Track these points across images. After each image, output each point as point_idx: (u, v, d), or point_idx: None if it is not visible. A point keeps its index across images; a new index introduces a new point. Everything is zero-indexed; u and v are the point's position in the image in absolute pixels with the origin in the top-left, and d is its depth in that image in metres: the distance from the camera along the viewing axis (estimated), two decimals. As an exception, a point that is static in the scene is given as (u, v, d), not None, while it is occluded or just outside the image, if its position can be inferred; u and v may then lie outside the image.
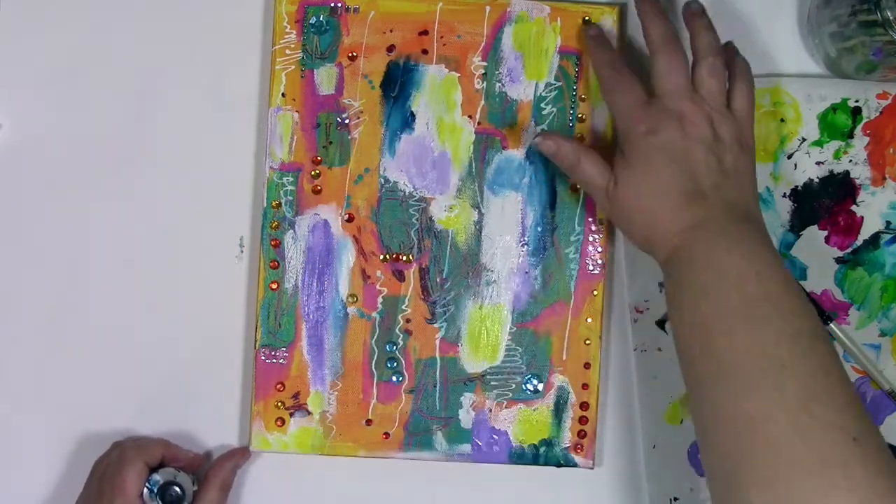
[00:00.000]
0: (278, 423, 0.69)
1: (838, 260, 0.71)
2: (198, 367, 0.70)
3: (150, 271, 0.70)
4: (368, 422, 0.69)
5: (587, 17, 0.70)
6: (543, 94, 0.70)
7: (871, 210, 0.71)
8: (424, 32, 0.70)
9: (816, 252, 0.71)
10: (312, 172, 0.69)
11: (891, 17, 0.63)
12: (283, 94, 0.69)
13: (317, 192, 0.69)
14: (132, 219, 0.70)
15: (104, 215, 0.70)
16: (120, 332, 0.70)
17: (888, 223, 0.71)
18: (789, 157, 0.71)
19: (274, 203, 0.69)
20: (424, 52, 0.70)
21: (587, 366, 0.70)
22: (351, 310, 0.69)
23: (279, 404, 0.69)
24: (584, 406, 0.70)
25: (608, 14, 0.70)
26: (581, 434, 0.70)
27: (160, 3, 0.70)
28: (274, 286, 0.69)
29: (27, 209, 0.70)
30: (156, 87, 0.70)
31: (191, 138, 0.70)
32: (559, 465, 0.70)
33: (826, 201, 0.71)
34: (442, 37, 0.70)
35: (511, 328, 0.70)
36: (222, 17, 0.71)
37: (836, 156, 0.71)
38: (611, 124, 0.70)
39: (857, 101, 0.71)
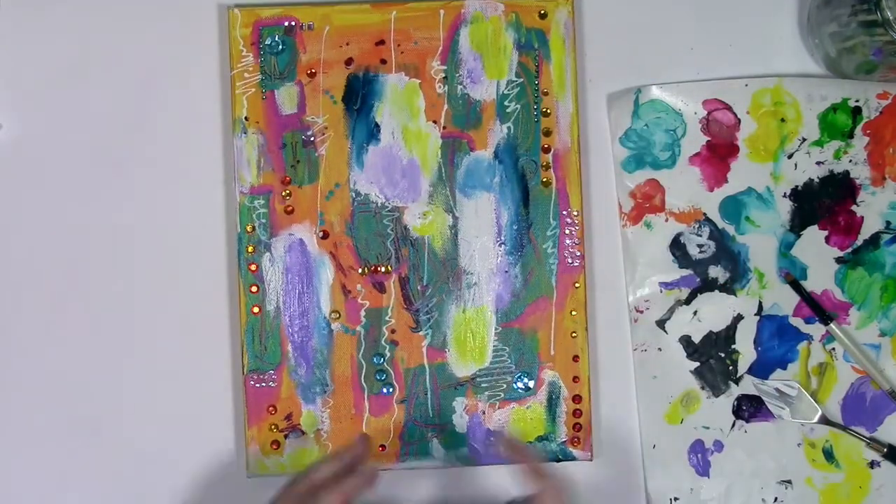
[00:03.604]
0: (273, 446, 0.69)
1: (838, 260, 0.71)
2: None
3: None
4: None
5: (542, 12, 0.70)
6: (506, 91, 0.70)
7: (871, 210, 0.71)
8: (381, 42, 0.69)
9: (817, 252, 0.71)
10: (283, 193, 0.69)
11: (891, 17, 0.63)
12: (245, 118, 0.69)
13: (289, 212, 0.69)
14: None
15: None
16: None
17: (888, 223, 0.71)
18: (790, 156, 0.71)
19: (248, 227, 0.69)
20: (383, 61, 0.69)
21: (576, 358, 0.70)
22: (335, 326, 0.69)
23: (273, 427, 0.69)
24: (576, 399, 0.70)
25: (562, 6, 0.70)
26: (577, 427, 0.70)
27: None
28: (256, 310, 0.69)
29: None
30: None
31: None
32: (558, 460, 0.70)
33: (826, 201, 0.71)
34: (399, 45, 0.69)
35: (496, 328, 0.70)
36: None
37: (837, 156, 0.71)
38: (575, 117, 0.70)
39: (857, 101, 0.71)
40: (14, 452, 0.70)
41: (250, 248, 0.69)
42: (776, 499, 0.71)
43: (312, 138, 0.69)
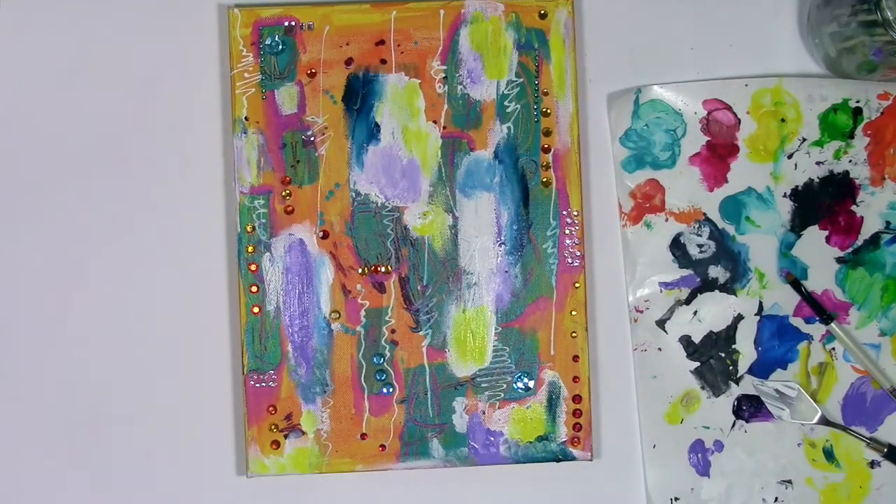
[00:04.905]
0: (273, 445, 0.69)
1: (839, 260, 0.71)
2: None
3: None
4: (363, 436, 0.69)
5: (542, 12, 0.70)
6: (506, 91, 0.70)
7: (871, 210, 0.71)
8: (381, 42, 0.69)
9: (817, 252, 0.71)
10: (283, 193, 0.69)
11: (891, 17, 0.63)
12: (245, 118, 0.69)
13: (289, 212, 0.69)
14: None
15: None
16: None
17: (888, 223, 0.71)
18: (790, 156, 0.71)
19: (248, 227, 0.69)
20: (383, 61, 0.69)
21: (576, 359, 0.70)
22: (335, 326, 0.69)
23: (273, 427, 0.69)
24: (576, 399, 0.70)
25: (562, 6, 0.70)
26: (577, 427, 0.70)
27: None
28: (256, 310, 0.69)
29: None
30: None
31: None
32: (557, 461, 0.70)
33: (826, 201, 0.71)
34: (399, 45, 0.69)
35: (496, 328, 0.70)
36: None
37: (836, 156, 0.71)
38: (575, 117, 0.70)
39: (857, 102, 0.71)
40: (13, 452, 0.70)
41: (250, 248, 0.69)
42: (776, 499, 0.71)
43: (312, 138, 0.69)
